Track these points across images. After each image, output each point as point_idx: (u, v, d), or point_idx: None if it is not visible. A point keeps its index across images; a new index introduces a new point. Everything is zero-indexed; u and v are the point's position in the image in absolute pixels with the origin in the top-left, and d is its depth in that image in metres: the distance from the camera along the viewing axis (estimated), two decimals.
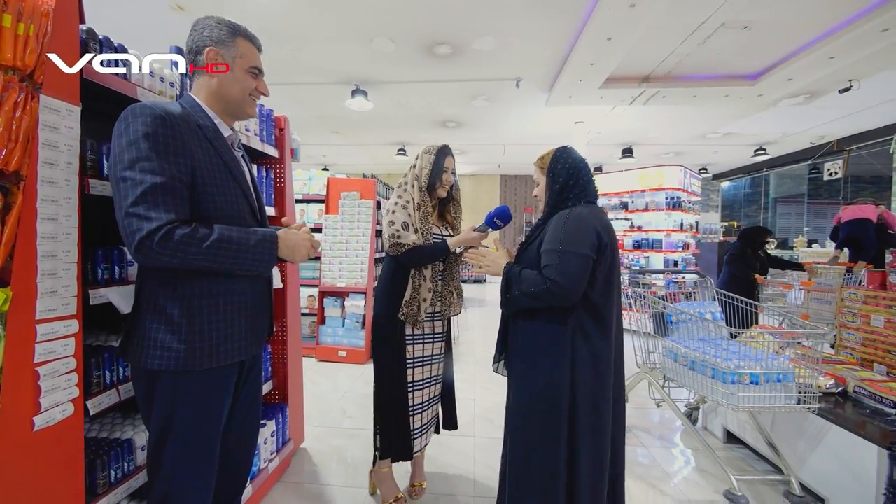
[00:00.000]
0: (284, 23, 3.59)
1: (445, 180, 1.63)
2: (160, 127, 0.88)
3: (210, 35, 1.01)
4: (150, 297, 0.95)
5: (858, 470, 1.51)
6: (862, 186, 9.92)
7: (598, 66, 4.07)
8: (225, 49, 1.02)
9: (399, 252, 1.55)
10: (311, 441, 2.26)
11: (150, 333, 0.93)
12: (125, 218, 0.84)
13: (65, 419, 0.93)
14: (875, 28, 3.26)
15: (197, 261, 0.88)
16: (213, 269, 0.93)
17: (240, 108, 1.08)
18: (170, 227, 0.85)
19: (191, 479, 0.99)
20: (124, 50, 1.14)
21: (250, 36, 1.07)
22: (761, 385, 1.60)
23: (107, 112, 1.00)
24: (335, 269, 3.71)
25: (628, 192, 5.84)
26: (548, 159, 1.30)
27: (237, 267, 0.95)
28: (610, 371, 1.19)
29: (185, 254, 0.86)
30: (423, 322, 1.59)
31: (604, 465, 1.17)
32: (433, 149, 1.61)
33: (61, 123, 0.91)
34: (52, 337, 0.90)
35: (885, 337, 2.00)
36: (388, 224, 1.56)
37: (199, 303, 0.96)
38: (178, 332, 0.93)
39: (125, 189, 0.84)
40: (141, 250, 0.83)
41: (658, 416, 2.69)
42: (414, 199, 1.58)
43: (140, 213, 0.83)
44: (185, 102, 1.01)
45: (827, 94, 4.88)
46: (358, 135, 7.60)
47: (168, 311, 0.94)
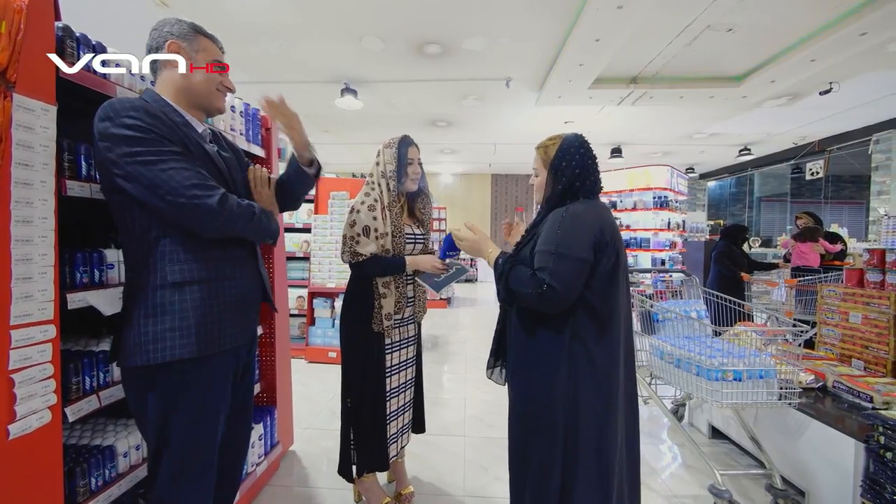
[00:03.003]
0: (271, 20, 3.54)
1: (412, 173, 1.53)
2: (147, 117, 0.92)
3: (171, 31, 1.03)
4: (143, 291, 0.95)
5: (837, 463, 1.55)
6: (842, 186, 10.19)
7: (586, 67, 4.11)
8: (186, 43, 1.03)
9: (353, 261, 1.46)
10: (301, 443, 2.24)
11: (149, 327, 0.94)
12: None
13: (42, 427, 0.90)
14: (854, 32, 3.35)
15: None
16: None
17: (208, 102, 1.08)
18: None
19: (192, 481, 0.99)
20: (103, 48, 1.11)
21: (212, 36, 1.10)
22: (744, 382, 1.63)
23: (86, 111, 0.98)
24: (325, 270, 3.68)
25: (617, 192, 5.92)
26: (552, 151, 1.15)
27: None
28: (613, 379, 1.09)
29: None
30: (391, 329, 1.52)
31: (609, 485, 1.08)
32: (394, 141, 1.51)
33: (36, 123, 0.89)
34: (28, 343, 0.87)
35: (863, 333, 2.06)
36: (349, 226, 1.46)
37: (190, 288, 0.97)
38: (180, 319, 0.95)
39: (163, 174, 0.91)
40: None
41: (646, 412, 2.73)
42: (382, 199, 1.49)
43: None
44: (149, 98, 1.01)
45: (808, 95, 5.00)
46: (348, 134, 7.54)
47: (160, 303, 0.95)
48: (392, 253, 1.50)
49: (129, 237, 0.98)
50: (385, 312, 1.49)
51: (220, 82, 1.09)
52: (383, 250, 1.48)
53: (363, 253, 1.45)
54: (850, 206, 10.23)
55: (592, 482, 1.06)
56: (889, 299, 1.94)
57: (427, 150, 8.62)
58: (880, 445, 1.37)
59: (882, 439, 1.36)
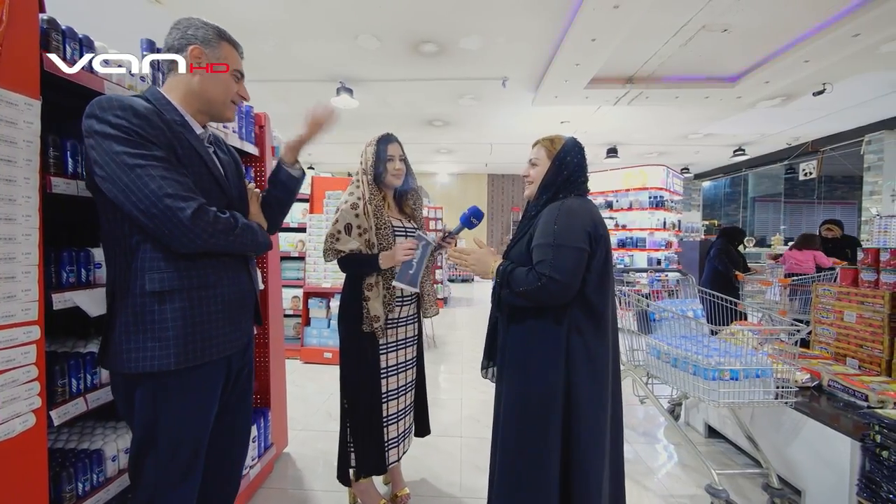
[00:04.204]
0: (266, 18, 3.51)
1: (392, 169, 1.54)
2: (134, 117, 0.88)
3: (195, 34, 1.00)
4: (123, 297, 0.92)
5: (833, 462, 1.56)
6: (835, 186, 10.30)
7: (582, 67, 4.11)
8: (210, 49, 1.01)
9: (331, 259, 1.51)
10: (296, 445, 2.22)
11: (129, 335, 0.90)
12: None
13: (25, 431, 0.88)
14: (847, 33, 3.37)
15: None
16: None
17: (219, 111, 1.06)
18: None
19: (175, 487, 0.96)
20: (90, 42, 1.09)
21: (234, 42, 1.07)
22: (741, 381, 1.63)
23: (73, 107, 0.95)
24: (320, 270, 3.66)
25: (613, 192, 5.93)
26: (559, 144, 1.22)
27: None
28: (606, 371, 1.14)
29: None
30: (386, 329, 1.52)
31: (601, 468, 1.12)
32: (375, 139, 1.56)
33: (19, 118, 0.86)
34: (11, 344, 0.85)
35: (857, 332, 2.07)
36: (333, 223, 1.49)
37: (170, 297, 0.93)
38: (158, 330, 0.91)
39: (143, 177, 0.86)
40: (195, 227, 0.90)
41: (642, 412, 2.73)
42: (364, 195, 1.51)
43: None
44: (151, 96, 0.98)
45: (802, 96, 5.04)
46: (344, 133, 7.50)
47: (145, 310, 0.91)
48: (378, 246, 1.49)
49: (112, 238, 0.94)
50: (373, 314, 1.48)
51: (237, 92, 1.06)
52: (368, 245, 1.48)
53: (342, 250, 1.47)
54: (843, 207, 10.34)
55: (588, 470, 1.10)
56: (883, 298, 1.95)
57: (423, 149, 8.60)
58: (876, 444, 1.37)
59: (878, 438, 1.37)
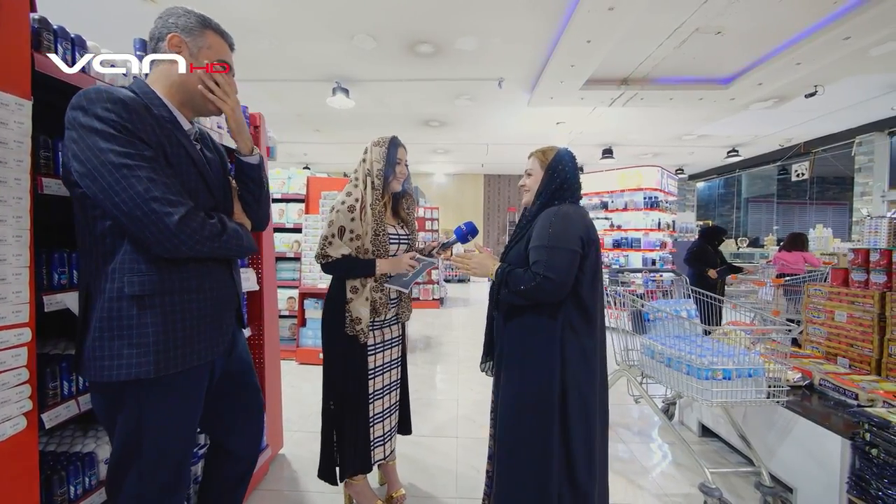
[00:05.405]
0: (262, 17, 3.50)
1: (399, 173, 1.53)
2: (124, 111, 0.85)
3: (176, 23, 0.95)
4: (96, 301, 0.88)
5: (824, 460, 1.57)
6: (826, 187, 10.42)
7: (578, 68, 4.13)
8: (190, 38, 0.96)
9: (322, 262, 1.46)
10: (291, 446, 2.21)
11: (103, 341, 0.87)
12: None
13: (16, 434, 0.87)
14: (838, 36, 3.42)
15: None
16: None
17: (202, 105, 1.01)
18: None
19: (159, 500, 0.94)
20: (82, 41, 1.07)
21: (222, 31, 1.02)
22: (733, 380, 1.64)
23: (64, 107, 0.94)
24: (316, 271, 3.64)
25: (608, 192, 5.95)
26: (550, 154, 1.31)
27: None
28: (596, 363, 1.24)
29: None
30: (374, 331, 1.52)
31: (594, 448, 1.22)
32: (384, 140, 1.50)
33: (10, 118, 0.85)
34: (2, 347, 0.84)
35: (848, 331, 2.10)
36: (328, 225, 1.46)
37: (150, 302, 0.89)
38: (137, 336, 0.87)
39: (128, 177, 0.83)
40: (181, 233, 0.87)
41: (637, 411, 2.75)
42: (364, 199, 1.47)
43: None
44: (138, 89, 0.94)
45: (794, 98, 5.10)
46: (340, 133, 7.49)
47: (122, 314, 0.87)
48: (373, 253, 1.48)
49: (88, 237, 0.90)
50: (354, 317, 1.46)
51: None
52: (361, 251, 1.46)
53: (332, 255, 1.45)
54: (834, 207, 10.47)
55: (585, 458, 1.20)
56: (873, 298, 1.97)
57: (420, 149, 8.61)
58: (866, 442, 1.39)
59: (868, 436, 1.39)
